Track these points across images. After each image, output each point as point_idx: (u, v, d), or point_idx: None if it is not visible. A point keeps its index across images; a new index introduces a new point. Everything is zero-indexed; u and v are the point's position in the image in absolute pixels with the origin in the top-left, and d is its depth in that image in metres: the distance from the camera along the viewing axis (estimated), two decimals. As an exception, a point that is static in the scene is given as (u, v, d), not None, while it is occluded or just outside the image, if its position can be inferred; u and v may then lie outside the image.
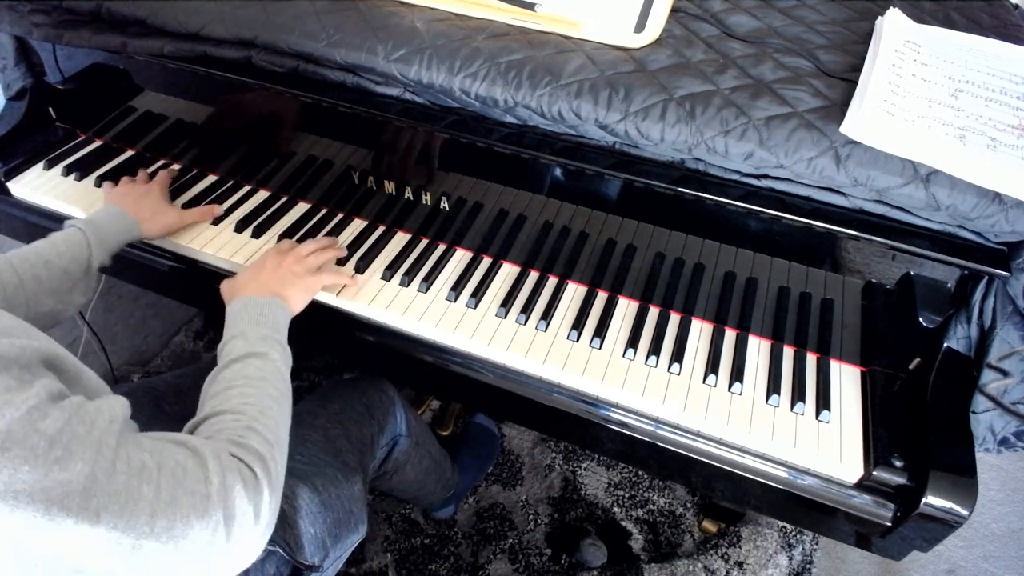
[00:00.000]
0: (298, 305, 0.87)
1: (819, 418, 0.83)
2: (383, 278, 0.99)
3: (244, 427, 0.65)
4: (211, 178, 1.15)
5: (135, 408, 0.59)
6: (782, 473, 0.82)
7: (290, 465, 0.92)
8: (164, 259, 1.06)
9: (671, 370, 0.88)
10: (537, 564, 1.44)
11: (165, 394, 1.02)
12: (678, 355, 0.89)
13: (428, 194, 1.00)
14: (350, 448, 1.00)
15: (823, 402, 0.84)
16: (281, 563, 0.87)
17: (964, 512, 0.73)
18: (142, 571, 0.52)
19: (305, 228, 1.06)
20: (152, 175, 1.11)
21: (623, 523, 1.50)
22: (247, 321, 0.79)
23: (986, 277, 0.77)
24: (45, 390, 0.50)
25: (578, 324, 0.93)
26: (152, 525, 0.51)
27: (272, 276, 0.87)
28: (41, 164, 1.16)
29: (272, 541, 0.81)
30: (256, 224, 1.06)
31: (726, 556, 1.42)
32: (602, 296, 0.98)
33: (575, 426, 0.90)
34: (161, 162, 1.18)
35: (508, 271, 1.01)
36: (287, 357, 0.78)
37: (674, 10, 0.95)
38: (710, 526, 1.47)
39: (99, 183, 1.13)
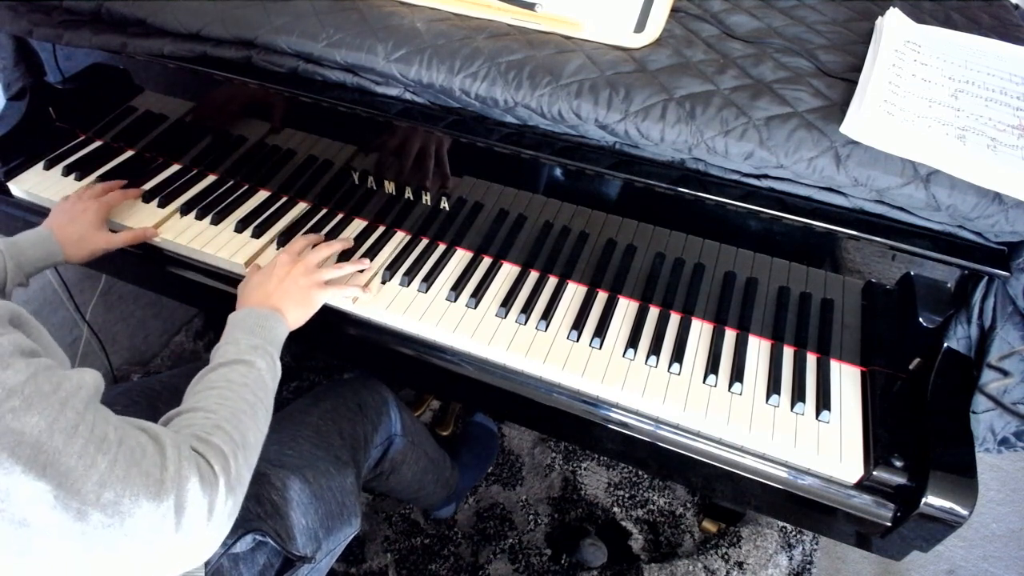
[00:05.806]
0: (296, 322, 0.88)
1: (819, 418, 0.83)
2: (383, 278, 0.99)
3: (212, 425, 0.66)
4: (211, 178, 1.15)
5: (132, 407, 0.60)
6: (782, 473, 0.82)
7: (281, 459, 0.92)
8: (163, 259, 1.06)
9: (671, 370, 0.88)
10: (537, 564, 1.43)
11: (160, 393, 1.02)
12: (678, 355, 0.89)
13: (428, 194, 1.00)
14: (342, 443, 1.01)
15: (823, 402, 0.84)
16: (272, 554, 0.86)
17: (964, 512, 0.73)
18: (91, 544, 0.52)
19: (305, 228, 1.06)
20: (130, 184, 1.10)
21: (623, 523, 1.50)
22: (243, 329, 0.81)
23: (986, 277, 0.77)
24: (13, 344, 0.52)
25: (578, 324, 0.93)
26: (99, 495, 0.51)
27: (277, 288, 0.88)
28: (41, 164, 1.16)
29: (263, 531, 0.81)
30: (256, 224, 1.06)
31: (726, 556, 1.42)
32: (602, 296, 0.98)
33: (575, 426, 0.90)
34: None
35: (508, 271, 1.01)
36: (274, 370, 0.79)
37: (674, 10, 0.95)
38: (710, 526, 1.47)
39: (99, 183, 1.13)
